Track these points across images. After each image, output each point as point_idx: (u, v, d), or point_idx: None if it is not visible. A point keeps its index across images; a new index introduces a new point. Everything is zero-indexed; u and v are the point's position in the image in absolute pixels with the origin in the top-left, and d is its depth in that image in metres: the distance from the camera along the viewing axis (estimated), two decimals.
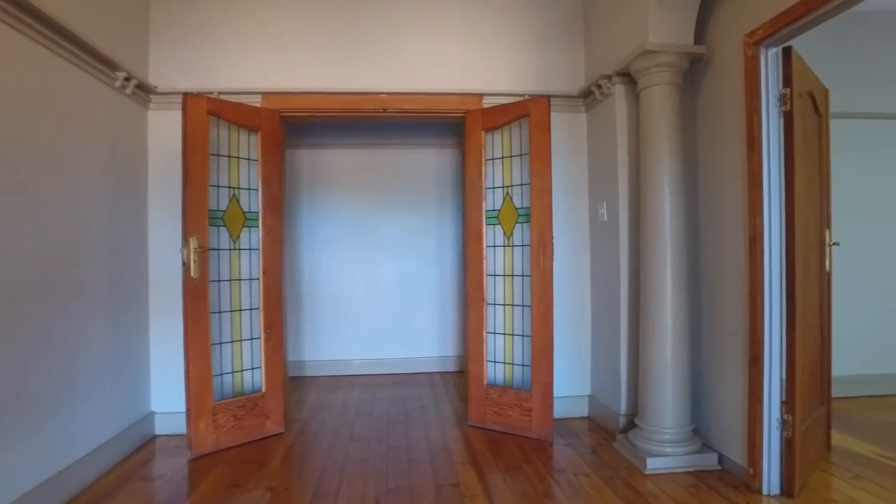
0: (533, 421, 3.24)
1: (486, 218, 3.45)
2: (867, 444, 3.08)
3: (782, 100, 2.46)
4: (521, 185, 3.33)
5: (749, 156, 2.51)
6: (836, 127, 3.27)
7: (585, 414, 3.69)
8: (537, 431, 3.23)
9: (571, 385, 3.67)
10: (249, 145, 3.33)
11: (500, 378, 3.45)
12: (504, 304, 3.42)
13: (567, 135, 3.67)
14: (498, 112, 3.39)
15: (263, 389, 3.33)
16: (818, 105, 2.87)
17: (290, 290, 4.98)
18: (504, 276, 3.42)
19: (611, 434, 3.28)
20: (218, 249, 3.19)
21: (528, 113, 3.22)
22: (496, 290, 3.44)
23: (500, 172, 3.43)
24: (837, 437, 3.13)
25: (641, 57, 2.84)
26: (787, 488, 2.45)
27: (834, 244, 2.94)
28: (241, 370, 3.31)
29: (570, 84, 3.67)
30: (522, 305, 3.34)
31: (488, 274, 3.45)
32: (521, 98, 3.48)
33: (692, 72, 2.99)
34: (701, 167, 2.97)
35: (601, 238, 3.48)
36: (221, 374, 3.22)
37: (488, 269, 3.46)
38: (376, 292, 5.18)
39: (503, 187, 3.41)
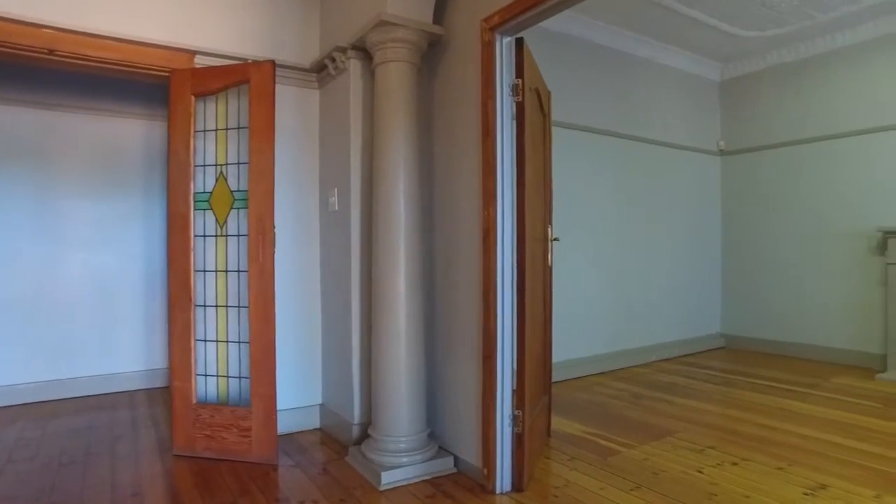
0: (253, 442, 2.73)
1: (195, 202, 2.82)
2: (576, 423, 3.32)
3: (515, 90, 2.42)
4: (239, 164, 2.80)
5: (484, 144, 2.42)
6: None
7: (317, 426, 3.31)
8: (259, 454, 2.74)
9: (300, 394, 3.25)
10: None
11: (212, 394, 2.86)
12: (217, 306, 2.83)
13: (298, 112, 3.24)
14: (212, 74, 2.79)
15: None
16: (543, 104, 2.96)
17: None
18: (217, 271, 2.83)
19: (345, 447, 2.96)
20: None
21: (249, 79, 2.70)
22: (207, 288, 2.84)
23: (214, 148, 2.84)
24: (554, 421, 3.32)
25: (378, 29, 2.57)
26: (517, 483, 2.42)
27: (555, 240, 3.08)
28: None
29: (303, 55, 3.24)
30: (239, 306, 2.80)
31: (197, 269, 2.83)
32: (243, 62, 2.93)
33: (430, 55, 2.83)
34: (437, 155, 2.84)
35: (332, 229, 3.14)
36: None
37: (197, 264, 2.83)
38: (60, 295, 4.02)
39: (216, 165, 2.83)
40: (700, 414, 3.49)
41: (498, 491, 2.40)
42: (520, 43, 2.45)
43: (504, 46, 2.42)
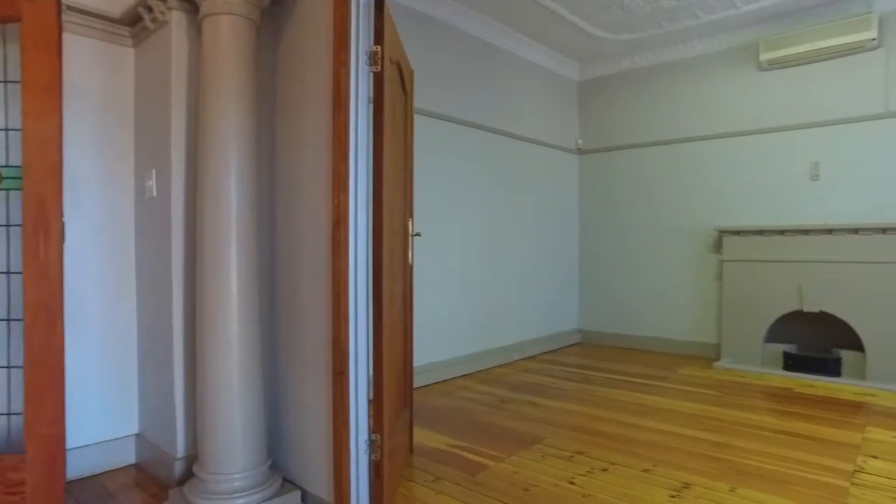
0: (28, 499, 2.09)
1: None
2: (441, 435, 3.06)
3: (373, 58, 2.07)
4: (8, 130, 2.13)
5: (335, 119, 2.03)
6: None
7: (132, 461, 2.70)
8: None
9: (108, 424, 2.62)
10: None
11: None
12: None
13: (105, 72, 2.60)
14: None
15: None
16: (406, 83, 2.64)
17: None
18: None
19: (165, 489, 2.41)
20: None
21: (20, 16, 2.05)
22: None
23: None
24: (417, 434, 3.03)
25: None
26: None
27: (416, 235, 2.78)
28: None
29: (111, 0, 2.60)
30: (10, 319, 2.14)
31: None
32: None
33: (274, 14, 2.39)
34: (280, 134, 2.39)
35: (150, 220, 2.55)
36: None
37: None
38: None
39: None
40: (565, 415, 3.40)
41: None
42: (380, 4, 2.10)
43: (361, 6, 2.06)
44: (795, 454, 2.76)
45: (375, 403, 2.09)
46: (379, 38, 2.08)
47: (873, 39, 4.22)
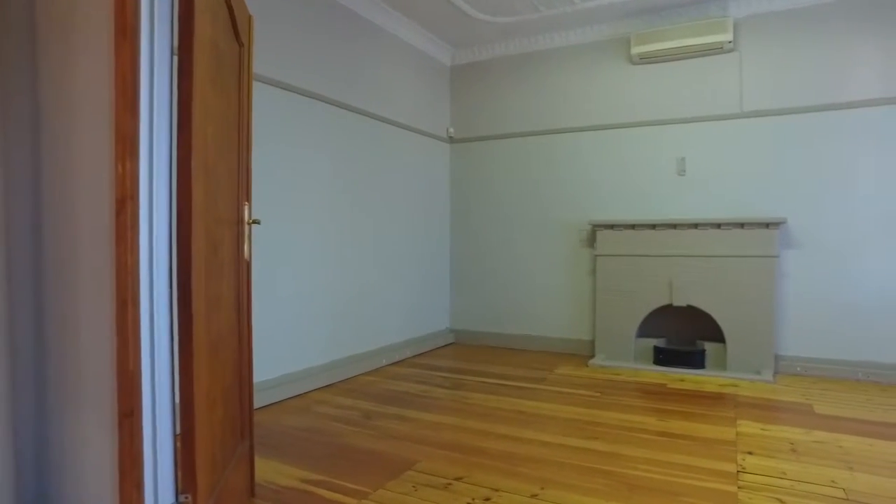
0: None
1: None
2: (292, 466, 2.51)
3: None
4: None
5: (118, 50, 1.42)
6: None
7: None
8: None
9: None
10: None
11: None
12: None
13: None
14: None
15: None
16: (239, 28, 2.06)
17: None
18: None
19: None
20: None
21: None
22: None
23: None
24: (262, 468, 2.45)
25: None
26: None
27: (254, 222, 2.20)
28: None
29: None
30: None
31: None
32: None
33: None
34: (45, 76, 1.71)
35: None
36: None
37: None
38: None
39: None
40: (439, 431, 2.99)
41: None
42: None
43: None
44: (680, 458, 2.60)
45: (185, 450, 1.52)
46: None
47: (730, 42, 4.32)
